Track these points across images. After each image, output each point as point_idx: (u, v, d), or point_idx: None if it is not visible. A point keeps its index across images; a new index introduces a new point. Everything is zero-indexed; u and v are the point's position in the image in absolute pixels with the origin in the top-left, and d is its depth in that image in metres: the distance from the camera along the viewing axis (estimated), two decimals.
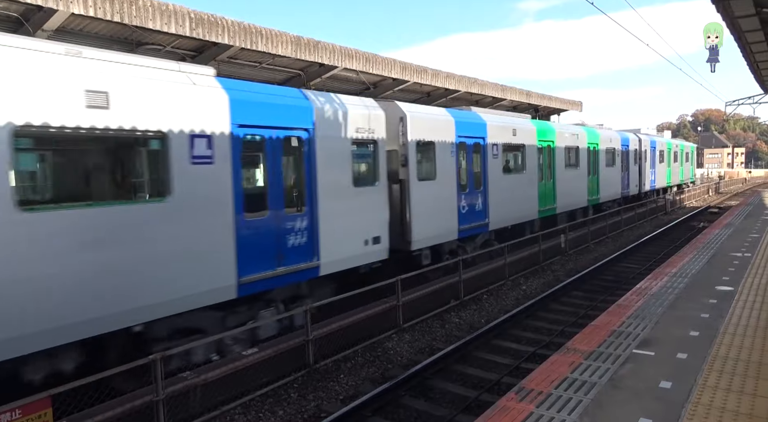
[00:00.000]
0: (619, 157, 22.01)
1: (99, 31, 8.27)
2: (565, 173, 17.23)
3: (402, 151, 10.32)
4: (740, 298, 6.58)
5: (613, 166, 21.43)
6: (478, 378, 7.28)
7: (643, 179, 25.53)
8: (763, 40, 17.24)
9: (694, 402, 3.90)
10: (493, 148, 13.38)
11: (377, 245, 9.44)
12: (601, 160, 20.15)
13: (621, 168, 22.38)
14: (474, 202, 12.50)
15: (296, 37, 10.32)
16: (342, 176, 8.69)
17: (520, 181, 14.74)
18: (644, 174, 25.76)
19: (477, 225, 12.59)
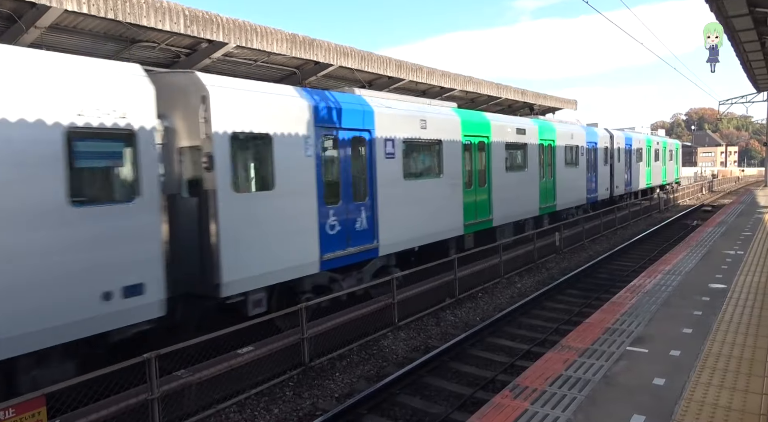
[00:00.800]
0: (583, 155, 19.09)
1: (93, 28, 8.22)
2: (506, 177, 14.15)
3: (205, 148, 7.09)
4: (733, 296, 6.63)
5: (575, 167, 18.43)
6: (473, 375, 7.30)
7: (615, 181, 22.62)
8: (756, 39, 17.35)
9: (687, 399, 3.93)
10: (387, 145, 10.02)
11: None
12: (558, 159, 17.14)
13: (586, 168, 19.49)
14: (353, 218, 9.26)
15: (292, 35, 10.30)
16: None
17: (436, 188, 11.46)
18: (618, 175, 22.82)
19: (359, 251, 9.32)
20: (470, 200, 12.59)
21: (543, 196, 16.19)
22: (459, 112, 12.66)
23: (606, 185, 21.62)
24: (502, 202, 13.91)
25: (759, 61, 21.47)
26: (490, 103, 18.44)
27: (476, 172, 13.01)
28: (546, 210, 16.46)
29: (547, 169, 16.46)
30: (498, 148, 13.85)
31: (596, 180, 20.50)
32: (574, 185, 18.47)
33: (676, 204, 31.31)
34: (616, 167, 22.71)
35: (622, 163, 23.33)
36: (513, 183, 14.53)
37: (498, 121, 14.20)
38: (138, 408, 5.46)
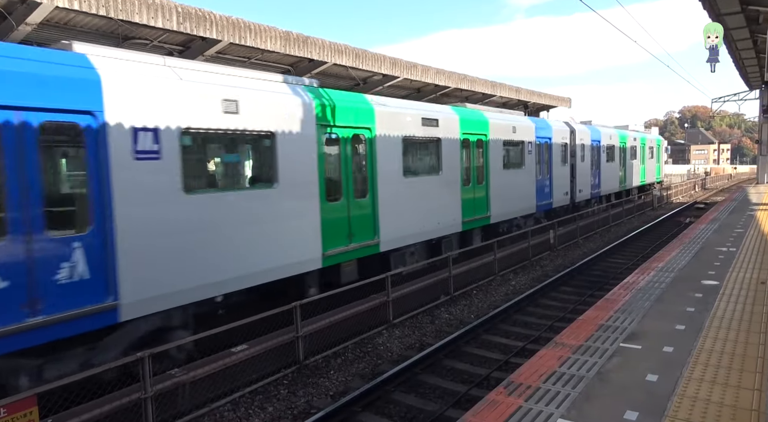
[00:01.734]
0: (531, 153, 15.55)
1: (84, 24, 8.15)
2: (408, 185, 10.34)
3: None
4: (725, 292, 6.67)
5: (519, 168, 15.03)
6: (467, 373, 7.32)
7: (578, 184, 19.30)
8: (748, 37, 17.47)
9: (679, 395, 3.95)
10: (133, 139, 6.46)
11: None
12: (493, 159, 13.53)
13: (536, 170, 15.93)
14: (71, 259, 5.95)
15: (285, 33, 10.26)
16: None
17: (270, 203, 7.80)
18: (581, 177, 19.46)
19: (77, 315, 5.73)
20: (341, 218, 9.06)
21: (468, 206, 12.44)
22: (336, 94, 9.17)
23: (566, 189, 18.11)
24: (402, 218, 10.08)
25: (751, 58, 21.63)
26: (485, 101, 18.44)
27: (348, 180, 9.22)
28: (473, 223, 12.71)
29: (475, 171, 12.85)
30: (392, 147, 9.94)
31: (551, 183, 16.95)
32: (518, 191, 14.81)
33: (669, 201, 31.48)
34: (580, 167, 19.33)
35: (587, 162, 19.97)
36: (417, 191, 10.53)
37: (397, 108, 10.29)
38: (131, 407, 5.44)
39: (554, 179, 17.20)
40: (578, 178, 19.35)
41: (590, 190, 20.60)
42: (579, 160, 19.32)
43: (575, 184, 19.14)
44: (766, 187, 24.25)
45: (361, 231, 9.46)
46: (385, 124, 9.85)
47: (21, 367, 5.36)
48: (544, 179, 16.65)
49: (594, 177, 21.02)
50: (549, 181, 16.95)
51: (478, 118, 13.08)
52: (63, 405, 5.31)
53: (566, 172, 18.35)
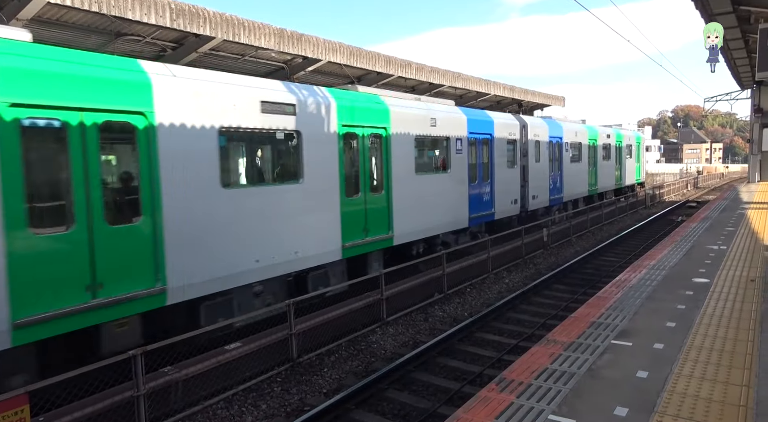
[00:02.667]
0: (461, 153, 12.57)
1: (76, 21, 8.10)
2: (245, 198, 7.61)
3: None
4: (715, 290, 6.74)
5: (441, 172, 12.10)
6: (460, 370, 7.35)
7: (532, 189, 16.27)
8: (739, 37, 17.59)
9: (669, 391, 3.99)
10: None
11: None
12: (398, 160, 10.32)
13: (469, 175, 12.92)
14: None
15: (279, 30, 10.23)
16: None
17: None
18: (536, 180, 16.56)
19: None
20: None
21: (351, 222, 9.27)
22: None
23: (514, 196, 15.16)
24: (256, 239, 7.76)
25: (743, 58, 21.78)
26: (479, 100, 18.48)
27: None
28: (371, 246, 9.76)
29: (367, 179, 9.67)
30: (230, 143, 7.85)
31: (492, 190, 14.03)
32: (440, 201, 11.78)
33: (661, 200, 31.68)
34: (534, 169, 16.37)
35: (543, 163, 17.08)
36: (267, 207, 7.91)
37: (253, 90, 7.80)
38: (124, 405, 5.43)
39: (497, 184, 14.13)
40: (532, 182, 16.28)
41: (549, 195, 17.48)
42: (533, 160, 16.36)
43: (527, 189, 15.98)
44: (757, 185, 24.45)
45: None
46: (245, 116, 9.10)
47: None
48: (482, 185, 13.53)
49: (554, 180, 17.83)
50: (489, 186, 13.89)
51: (370, 105, 9.69)
52: (55, 402, 5.29)
53: (514, 175, 15.29)
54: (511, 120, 15.49)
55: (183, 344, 6.33)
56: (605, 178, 23.16)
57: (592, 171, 21.66)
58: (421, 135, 11.28)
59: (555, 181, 18.09)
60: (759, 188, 22.54)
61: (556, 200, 18.34)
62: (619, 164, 25.04)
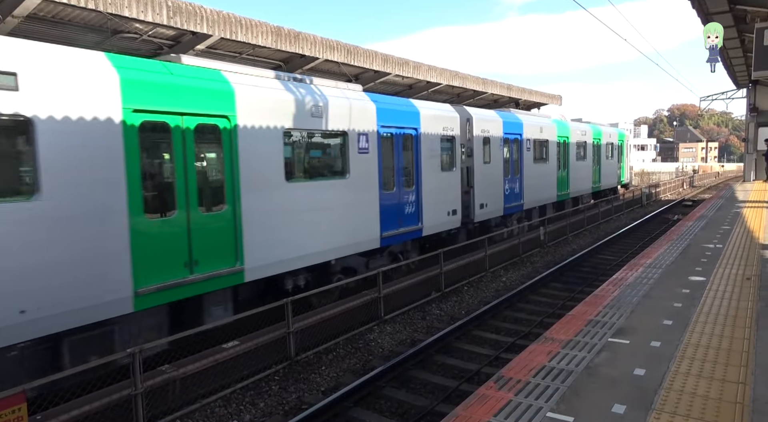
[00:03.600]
0: (368, 154, 9.94)
1: (72, 18, 8.05)
2: None
3: None
4: (712, 288, 6.77)
5: (340, 178, 9.47)
6: (458, 368, 7.36)
7: (479, 196, 13.58)
8: (736, 36, 17.66)
9: (666, 388, 4.01)
10: None
11: None
12: (256, 162, 7.75)
13: (381, 181, 10.27)
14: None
15: (277, 28, 10.21)
16: None
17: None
18: (485, 186, 13.91)
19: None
20: None
21: (161, 254, 6.59)
22: None
23: (452, 205, 12.35)
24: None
25: (739, 58, 21.86)
26: (476, 98, 18.49)
27: None
28: (202, 286, 7.06)
29: (193, 190, 6.93)
30: None
31: (419, 199, 11.23)
32: (330, 216, 9.13)
33: (657, 199, 31.79)
34: (481, 173, 13.70)
35: (495, 164, 14.41)
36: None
37: None
38: (122, 404, 5.42)
39: (425, 192, 11.30)
40: (479, 188, 13.63)
41: (503, 203, 14.89)
42: (479, 161, 13.68)
43: (473, 196, 13.40)
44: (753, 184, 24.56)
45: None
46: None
47: None
48: (403, 193, 10.84)
49: (512, 185, 15.32)
50: (415, 195, 11.15)
51: (195, 82, 6.97)
52: (53, 401, 5.27)
53: (452, 180, 12.38)
54: (448, 111, 12.49)
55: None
56: (580, 181, 20.35)
57: (563, 173, 18.91)
58: (296, 128, 8.45)
59: (513, 186, 15.42)
60: (754, 187, 22.64)
61: (514, 208, 15.59)
62: (598, 165, 22.30)
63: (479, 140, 13.83)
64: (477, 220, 13.79)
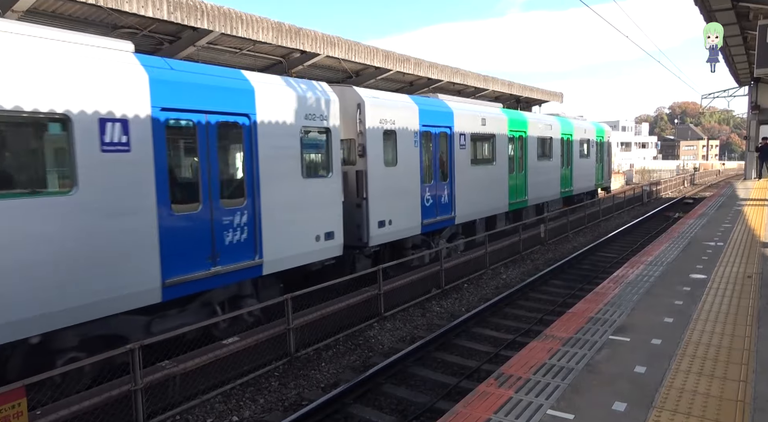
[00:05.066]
0: (132, 152, 6.05)
1: (73, 12, 8.02)
2: None
3: None
4: (712, 286, 6.75)
5: (67, 193, 5.48)
6: (458, 365, 7.36)
7: (374, 211, 10.11)
8: (738, 33, 17.59)
9: (667, 386, 4.00)
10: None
11: None
12: None
13: (160, 198, 6.36)
14: None
15: (278, 24, 10.17)
16: None
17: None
18: (390, 196, 10.53)
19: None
20: None
21: None
22: None
23: (326, 225, 8.95)
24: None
25: (741, 55, 21.79)
26: (477, 95, 18.45)
27: None
28: None
29: None
30: None
31: (253, 219, 7.66)
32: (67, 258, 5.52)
33: (658, 197, 31.76)
34: (383, 178, 10.29)
35: (407, 166, 10.97)
36: None
37: None
38: (121, 399, 5.41)
39: (266, 212, 7.80)
40: (378, 199, 10.12)
41: (421, 217, 11.36)
42: (377, 162, 10.15)
43: (367, 210, 9.90)
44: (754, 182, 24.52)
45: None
46: None
47: None
48: (222, 214, 7.23)
49: (435, 192, 11.85)
50: (247, 215, 7.56)
51: None
52: (52, 396, 5.27)
53: (326, 189, 8.95)
54: (314, 91, 8.75)
55: None
56: (543, 185, 17.06)
57: (518, 176, 15.47)
58: None
59: (438, 195, 11.96)
60: (755, 185, 22.61)
61: (441, 223, 12.08)
62: (568, 165, 18.98)
63: (377, 134, 10.16)
64: (374, 244, 10.15)
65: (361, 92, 10.14)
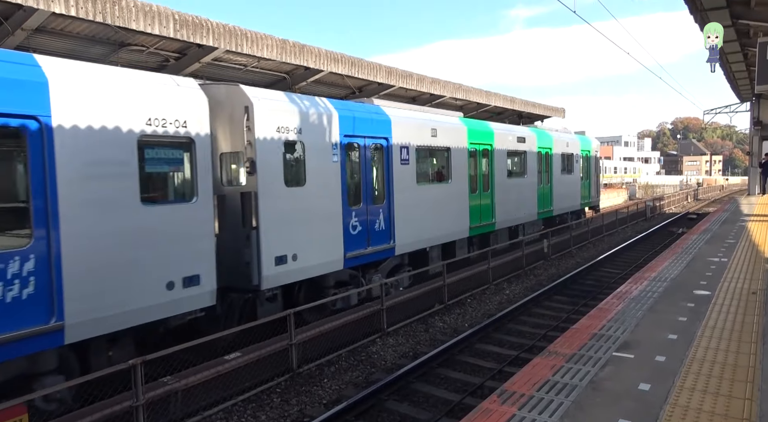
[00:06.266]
0: None
1: (81, 31, 8.16)
2: None
3: None
4: (717, 302, 6.72)
5: None
6: (461, 381, 7.31)
7: (271, 243, 7.85)
8: (738, 50, 17.73)
9: (671, 404, 3.97)
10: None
11: None
12: None
13: None
14: None
15: (282, 40, 10.30)
16: None
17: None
18: (296, 223, 8.33)
19: None
20: None
21: None
22: None
23: (188, 268, 6.73)
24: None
25: (742, 71, 21.93)
26: (480, 111, 18.56)
27: None
28: None
29: None
30: None
31: (45, 265, 5.28)
32: None
33: (661, 212, 31.69)
34: (278, 200, 8.11)
35: (321, 185, 8.93)
36: None
37: None
38: (122, 415, 5.39)
39: (66, 255, 5.51)
40: (276, 228, 8.02)
41: (343, 249, 9.22)
42: (275, 181, 8.08)
43: (258, 243, 7.75)
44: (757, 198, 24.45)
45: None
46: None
47: None
48: None
49: (366, 217, 9.79)
50: (39, 260, 5.29)
51: None
52: (54, 413, 5.25)
53: (186, 219, 6.84)
54: (165, 87, 6.74)
55: None
56: (513, 206, 14.97)
57: (483, 196, 13.58)
58: None
59: (371, 221, 9.87)
60: (759, 201, 22.55)
61: (376, 254, 10.00)
62: (548, 183, 17.16)
63: (274, 145, 8.07)
64: (270, 286, 7.93)
65: (249, 91, 8.00)
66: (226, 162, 8.20)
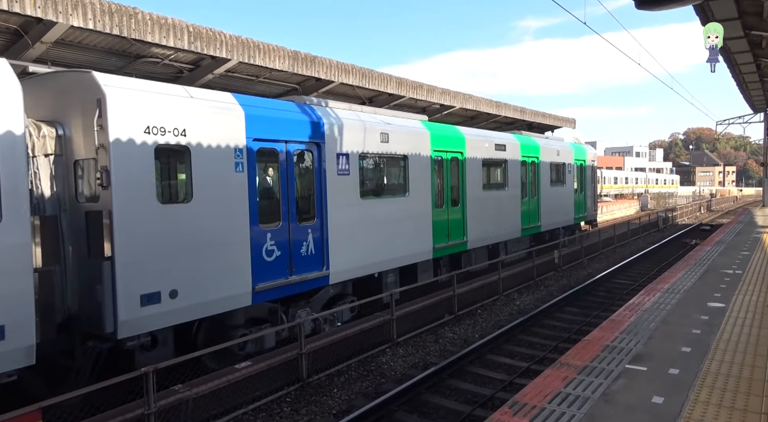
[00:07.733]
0: None
1: (98, 43, 8.34)
2: None
3: None
4: (731, 315, 6.63)
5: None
6: (472, 393, 7.26)
7: (135, 277, 6.02)
8: (751, 61, 17.62)
9: (685, 418, 3.92)
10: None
11: None
12: None
13: None
14: None
15: (293, 52, 10.44)
16: None
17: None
18: (181, 250, 6.55)
19: None
20: None
21: None
22: None
23: None
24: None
25: (755, 82, 21.76)
26: (489, 121, 18.59)
27: None
28: None
29: None
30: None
31: None
32: None
33: (674, 223, 31.38)
34: (138, 217, 6.18)
35: (223, 200, 7.15)
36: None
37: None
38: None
39: None
40: (139, 260, 6.16)
41: (253, 280, 7.51)
42: (141, 193, 6.27)
43: (114, 277, 5.94)
44: None
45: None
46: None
47: None
48: None
49: (289, 238, 8.14)
50: None
51: None
52: (67, 420, 5.30)
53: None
54: None
55: None
56: (491, 222, 13.34)
57: (451, 211, 11.96)
58: None
59: (296, 243, 8.24)
60: None
61: (302, 284, 8.35)
62: (534, 196, 15.53)
63: (139, 151, 6.31)
64: (131, 334, 6.16)
65: (102, 79, 6.12)
66: (86, 171, 6.29)
